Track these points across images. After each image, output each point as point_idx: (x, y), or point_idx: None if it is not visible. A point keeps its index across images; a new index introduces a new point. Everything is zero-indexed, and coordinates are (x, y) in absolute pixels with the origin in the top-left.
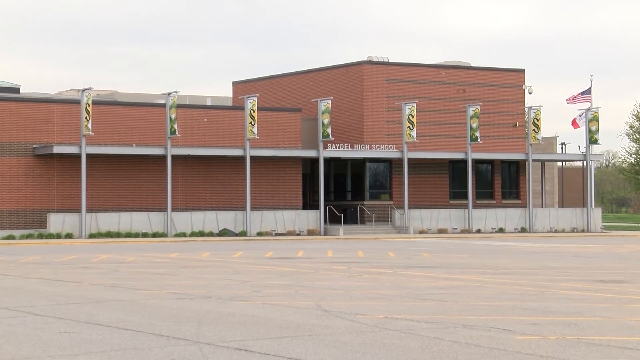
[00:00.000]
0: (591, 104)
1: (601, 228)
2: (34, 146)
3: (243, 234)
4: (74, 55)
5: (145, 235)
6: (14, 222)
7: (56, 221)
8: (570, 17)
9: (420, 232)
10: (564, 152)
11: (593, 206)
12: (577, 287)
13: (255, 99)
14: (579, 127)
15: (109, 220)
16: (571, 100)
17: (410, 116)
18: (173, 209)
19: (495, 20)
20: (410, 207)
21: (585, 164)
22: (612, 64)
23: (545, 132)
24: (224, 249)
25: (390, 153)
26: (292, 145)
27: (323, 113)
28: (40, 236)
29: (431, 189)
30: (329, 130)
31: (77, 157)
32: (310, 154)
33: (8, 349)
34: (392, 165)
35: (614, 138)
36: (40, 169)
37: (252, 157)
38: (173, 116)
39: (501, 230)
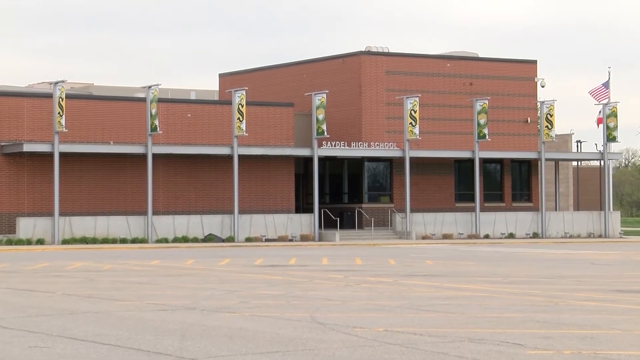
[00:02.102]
0: (609, 99)
1: (620, 233)
2: (1, 144)
3: (230, 239)
4: (45, 44)
5: (123, 241)
6: None
7: (26, 226)
8: (587, 3)
9: (423, 238)
10: (579, 150)
11: (611, 209)
12: (594, 297)
13: (244, 92)
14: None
15: (84, 225)
16: (594, 93)
17: (412, 111)
18: (154, 213)
19: (505, 7)
20: (412, 211)
21: (602, 163)
22: (632, 55)
23: (559, 128)
24: (210, 256)
25: (391, 152)
26: (284, 143)
27: (317, 108)
28: (9, 242)
29: (435, 190)
30: (324, 127)
31: (50, 156)
32: (304, 152)
33: None
34: (392, 164)
35: (634, 135)
36: (9, 168)
37: (241, 156)
38: (154, 111)
39: (511, 236)
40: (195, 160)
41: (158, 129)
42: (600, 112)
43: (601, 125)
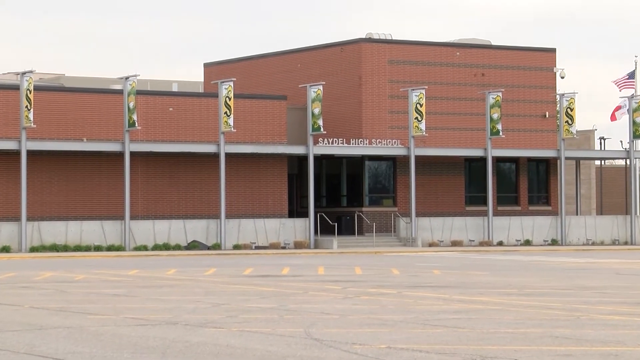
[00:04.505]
0: (635, 91)
1: None
2: None
3: (217, 247)
4: (10, 30)
5: (98, 248)
6: None
7: None
8: None
9: (430, 245)
10: (602, 148)
11: (638, 213)
12: (619, 310)
13: (232, 84)
14: (616, 119)
15: (54, 231)
16: (618, 83)
17: (418, 105)
18: (132, 217)
19: None
20: (418, 215)
21: (628, 162)
22: None
23: (580, 124)
24: (194, 265)
25: (394, 149)
26: (276, 139)
27: (313, 101)
28: None
29: (443, 192)
30: (320, 122)
31: (16, 154)
32: (298, 150)
33: None
34: (396, 164)
35: None
36: None
37: (228, 155)
38: (132, 105)
39: (527, 243)
40: (177, 159)
41: (136, 125)
42: (624, 104)
43: (617, 119)
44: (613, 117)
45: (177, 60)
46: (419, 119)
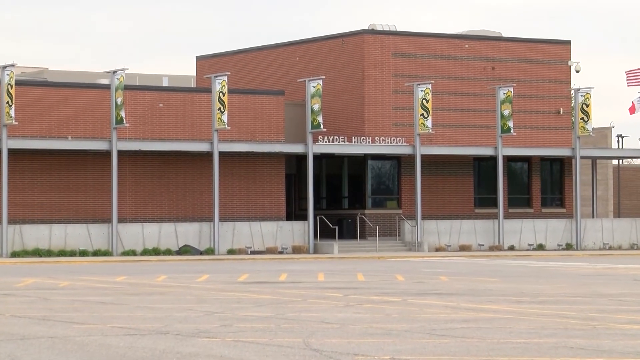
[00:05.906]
0: None
1: None
2: None
3: (210, 251)
4: None
5: (83, 253)
6: None
7: None
8: None
9: (437, 250)
10: (620, 146)
11: None
12: (637, 319)
13: (226, 78)
14: (635, 112)
15: (37, 235)
16: (632, 80)
17: (424, 101)
18: (120, 220)
19: None
20: (424, 218)
21: None
22: None
23: (597, 121)
24: (185, 271)
25: (399, 148)
26: (273, 137)
27: (312, 97)
28: None
29: (451, 194)
30: (320, 119)
31: None
32: (296, 149)
33: None
34: (400, 163)
35: None
36: None
37: (222, 154)
38: (119, 100)
39: (541, 247)
40: (168, 159)
41: (124, 122)
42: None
43: (636, 112)
44: (632, 110)
45: (167, 53)
46: (425, 115)
